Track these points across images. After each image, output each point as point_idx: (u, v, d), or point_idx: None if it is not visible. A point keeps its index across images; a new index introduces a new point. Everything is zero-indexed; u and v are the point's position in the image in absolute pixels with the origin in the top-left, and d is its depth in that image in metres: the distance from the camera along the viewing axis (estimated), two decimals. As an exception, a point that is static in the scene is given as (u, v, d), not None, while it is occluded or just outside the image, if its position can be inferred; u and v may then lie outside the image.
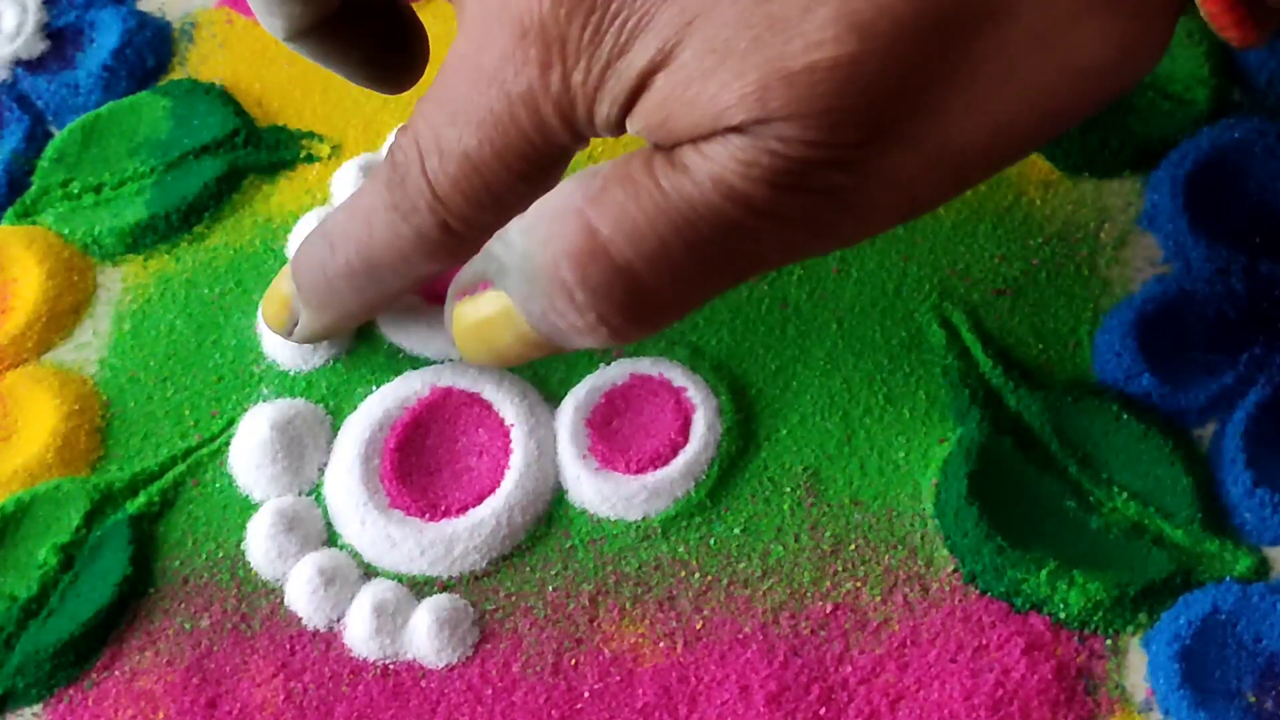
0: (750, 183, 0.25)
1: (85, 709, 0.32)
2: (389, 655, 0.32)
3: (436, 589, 0.33)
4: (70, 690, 0.32)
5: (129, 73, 0.41)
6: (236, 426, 0.35)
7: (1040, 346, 0.34)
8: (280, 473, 0.34)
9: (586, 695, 0.31)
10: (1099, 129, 0.36)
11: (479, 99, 0.28)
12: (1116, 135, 0.36)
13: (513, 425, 0.34)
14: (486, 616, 0.32)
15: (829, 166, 0.25)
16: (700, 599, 0.32)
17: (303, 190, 0.39)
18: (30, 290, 0.38)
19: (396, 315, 0.36)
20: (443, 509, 0.33)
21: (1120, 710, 0.30)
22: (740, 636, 0.31)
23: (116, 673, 0.32)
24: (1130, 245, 0.35)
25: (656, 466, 0.33)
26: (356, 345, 0.36)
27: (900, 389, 0.34)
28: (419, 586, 0.33)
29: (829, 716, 0.30)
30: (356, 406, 0.35)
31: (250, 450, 0.34)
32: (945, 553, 0.32)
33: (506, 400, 0.34)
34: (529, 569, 0.33)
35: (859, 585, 0.32)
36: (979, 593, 0.31)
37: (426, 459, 0.34)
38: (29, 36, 0.42)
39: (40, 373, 0.36)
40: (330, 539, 0.33)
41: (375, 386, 0.35)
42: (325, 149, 0.40)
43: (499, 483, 0.33)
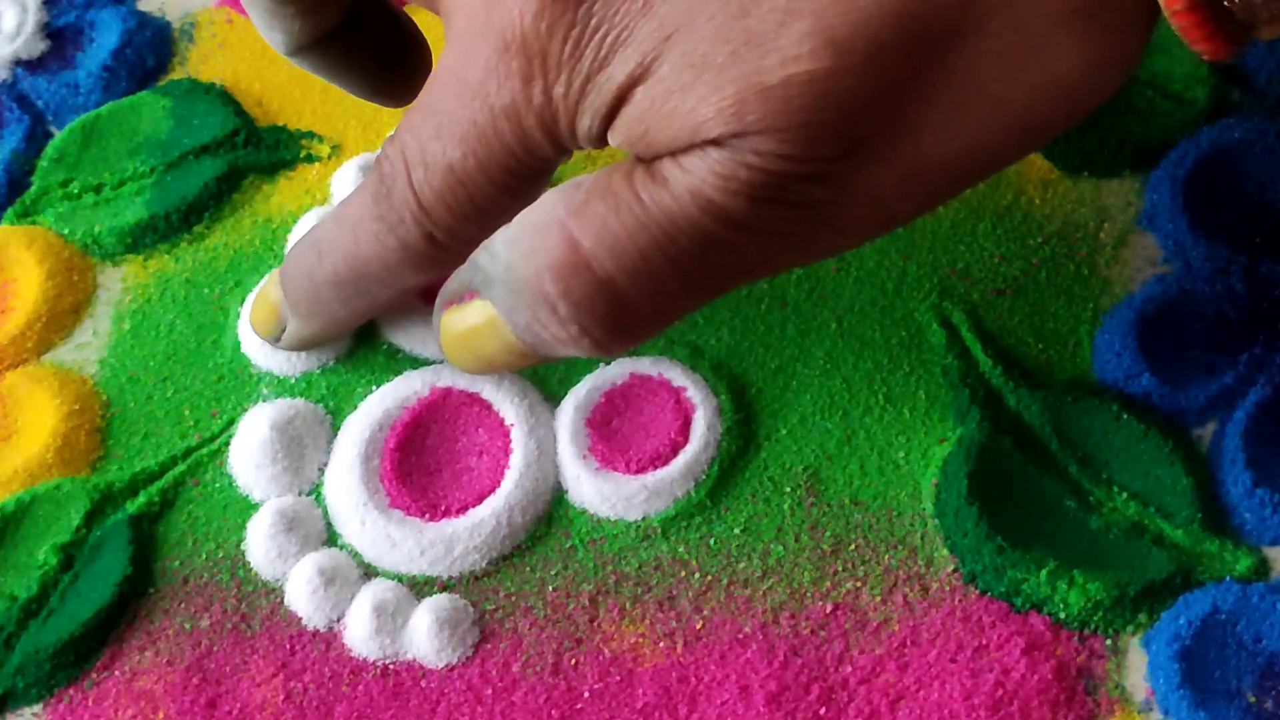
0: (728, 196, 0.25)
1: (85, 709, 0.32)
2: (389, 655, 0.32)
3: (436, 589, 0.33)
4: (70, 690, 0.32)
5: (129, 73, 0.41)
6: (236, 426, 0.35)
7: (1040, 346, 0.34)
8: (280, 473, 0.34)
9: (586, 695, 0.31)
10: (1098, 128, 0.36)
11: (463, 112, 0.28)
12: (1116, 135, 0.36)
13: (513, 425, 0.34)
14: (486, 616, 0.32)
15: (805, 180, 0.25)
16: (700, 599, 0.32)
17: (302, 190, 0.39)
18: (30, 290, 0.38)
19: (396, 315, 0.36)
20: (443, 509, 0.33)
21: (1120, 710, 0.30)
22: (740, 636, 0.31)
23: (116, 673, 0.32)
24: (1130, 245, 0.35)
25: (656, 466, 0.33)
26: (356, 345, 0.36)
27: (900, 389, 0.34)
28: (419, 586, 0.33)
29: (829, 716, 0.30)
30: (356, 406, 0.35)
31: (250, 450, 0.34)
32: (945, 553, 0.32)
33: (506, 400, 0.34)
34: (529, 569, 0.33)
35: (859, 585, 0.31)
36: (979, 593, 0.31)
37: (426, 459, 0.34)
38: (29, 36, 0.42)
39: (40, 373, 0.36)
40: (330, 539, 0.33)
41: (375, 386, 0.35)
42: (325, 149, 0.39)
43: (499, 483, 0.33)
